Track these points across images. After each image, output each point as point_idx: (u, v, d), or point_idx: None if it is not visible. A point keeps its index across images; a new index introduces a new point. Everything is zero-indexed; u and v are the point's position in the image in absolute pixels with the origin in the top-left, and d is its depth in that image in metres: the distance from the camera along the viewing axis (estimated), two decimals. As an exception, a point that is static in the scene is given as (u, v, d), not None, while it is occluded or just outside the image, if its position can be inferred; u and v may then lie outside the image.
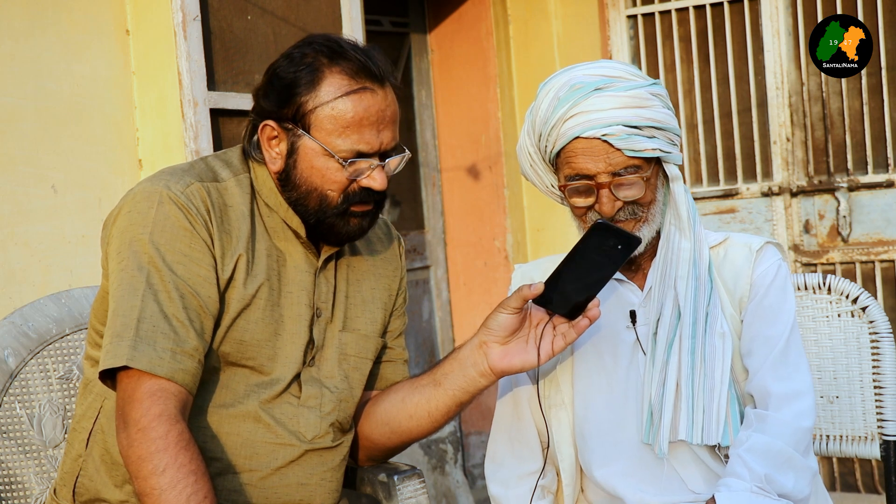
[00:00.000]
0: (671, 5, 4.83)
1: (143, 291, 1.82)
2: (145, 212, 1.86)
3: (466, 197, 5.15)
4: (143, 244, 1.84)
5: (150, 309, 1.81)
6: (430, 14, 5.20)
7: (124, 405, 1.79)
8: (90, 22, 3.28)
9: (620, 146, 1.95)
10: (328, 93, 1.88)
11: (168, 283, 1.83)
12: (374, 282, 2.13)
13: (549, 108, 2.01)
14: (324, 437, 2.00)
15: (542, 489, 2.13)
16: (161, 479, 1.73)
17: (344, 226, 1.94)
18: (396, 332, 2.18)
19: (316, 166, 1.91)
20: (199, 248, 1.86)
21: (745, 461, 1.92)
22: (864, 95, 4.48)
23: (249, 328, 1.93)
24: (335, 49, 1.90)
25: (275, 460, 1.95)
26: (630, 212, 2.00)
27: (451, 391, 2.03)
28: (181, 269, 1.84)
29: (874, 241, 4.49)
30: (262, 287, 1.94)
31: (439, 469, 4.87)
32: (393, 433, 2.10)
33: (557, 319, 1.97)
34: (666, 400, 1.99)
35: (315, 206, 1.93)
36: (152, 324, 1.81)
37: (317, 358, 2.02)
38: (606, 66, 2.02)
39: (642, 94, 1.98)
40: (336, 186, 1.91)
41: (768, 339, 2.01)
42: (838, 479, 4.61)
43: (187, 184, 1.89)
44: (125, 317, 1.81)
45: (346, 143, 1.89)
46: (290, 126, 1.91)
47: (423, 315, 5.13)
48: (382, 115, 1.90)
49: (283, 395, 1.97)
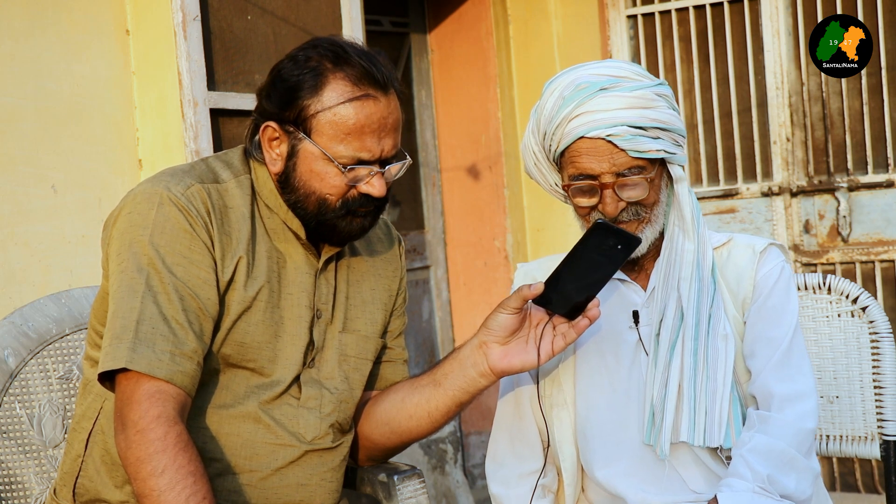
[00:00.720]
0: (671, 5, 4.83)
1: (142, 293, 1.82)
2: (145, 213, 1.86)
3: (466, 197, 5.15)
4: (143, 246, 1.84)
5: (149, 311, 1.81)
6: (430, 14, 5.20)
7: (122, 407, 1.79)
8: (90, 22, 3.28)
9: (625, 147, 1.95)
10: (331, 98, 1.88)
11: (167, 285, 1.83)
12: (374, 282, 2.13)
13: (554, 107, 2.01)
14: (324, 437, 2.00)
15: (542, 488, 2.13)
16: (160, 480, 1.73)
17: (346, 225, 1.94)
18: (396, 333, 2.19)
19: (315, 170, 1.91)
20: (198, 250, 1.86)
21: (747, 461, 1.92)
22: (864, 95, 4.48)
23: (250, 330, 1.93)
24: (340, 54, 1.90)
25: (275, 461, 1.95)
26: (633, 212, 1.99)
27: (450, 391, 2.02)
28: (181, 270, 1.84)
29: (874, 241, 4.49)
30: (263, 289, 1.94)
31: (439, 469, 4.87)
32: (393, 433, 2.10)
33: (557, 319, 1.97)
34: (668, 401, 1.99)
35: (314, 210, 1.93)
36: (151, 325, 1.80)
37: (317, 359, 2.02)
38: (612, 66, 2.01)
39: (648, 94, 1.98)
40: (335, 191, 1.91)
41: (771, 341, 2.01)
42: (838, 479, 4.61)
43: (188, 185, 1.89)
44: (124, 318, 1.81)
45: (346, 149, 1.89)
46: (292, 129, 1.91)
47: (423, 315, 5.13)
48: (384, 122, 1.90)
49: (284, 396, 1.97)
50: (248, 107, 3.53)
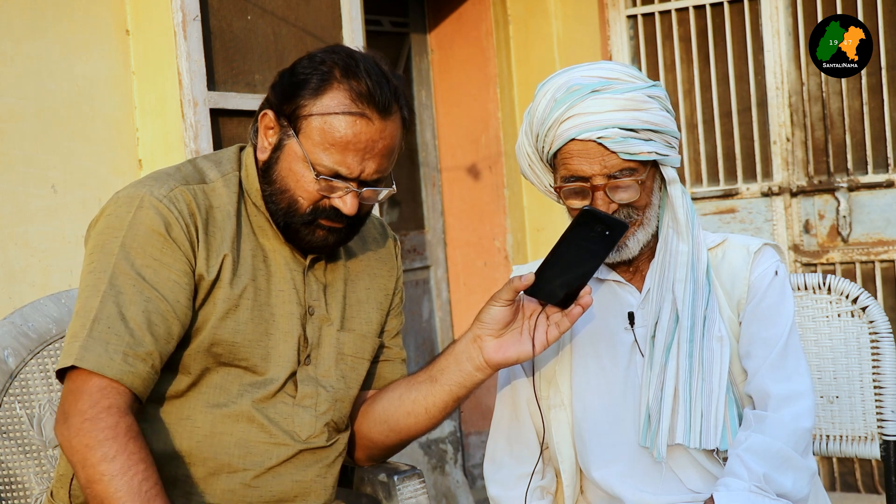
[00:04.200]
0: (671, 5, 4.83)
1: (103, 292, 1.83)
2: (123, 216, 1.88)
3: (466, 197, 5.15)
4: (114, 247, 1.85)
5: (107, 310, 1.82)
6: (430, 14, 5.20)
7: (68, 397, 1.79)
8: (90, 22, 3.28)
9: (616, 149, 1.95)
10: (327, 105, 1.89)
11: (131, 287, 1.83)
12: (370, 281, 2.13)
13: (547, 109, 2.01)
14: (319, 436, 2.01)
15: (541, 490, 2.13)
16: (111, 465, 1.73)
17: (308, 234, 1.95)
18: (394, 332, 2.19)
19: (294, 170, 1.92)
20: (170, 253, 1.87)
21: (743, 461, 1.92)
22: (864, 95, 4.48)
23: (240, 329, 1.93)
24: (351, 67, 1.90)
25: (269, 459, 1.95)
26: (625, 214, 2.00)
27: (447, 386, 2.03)
28: (150, 272, 1.85)
29: (874, 241, 4.49)
30: (248, 287, 1.94)
31: (439, 469, 4.87)
32: (391, 431, 2.10)
33: (550, 309, 1.97)
34: (664, 404, 1.98)
35: (284, 208, 1.94)
36: (107, 325, 1.81)
37: (312, 356, 2.02)
38: (604, 68, 2.01)
39: (639, 96, 1.98)
40: (307, 196, 1.92)
41: (767, 340, 2.01)
42: (838, 479, 4.61)
43: (171, 188, 1.90)
44: (83, 318, 1.83)
45: (327, 159, 1.89)
46: (285, 123, 1.93)
47: (423, 315, 5.13)
48: (372, 145, 1.90)
49: (278, 394, 1.97)
50: (248, 107, 3.53)
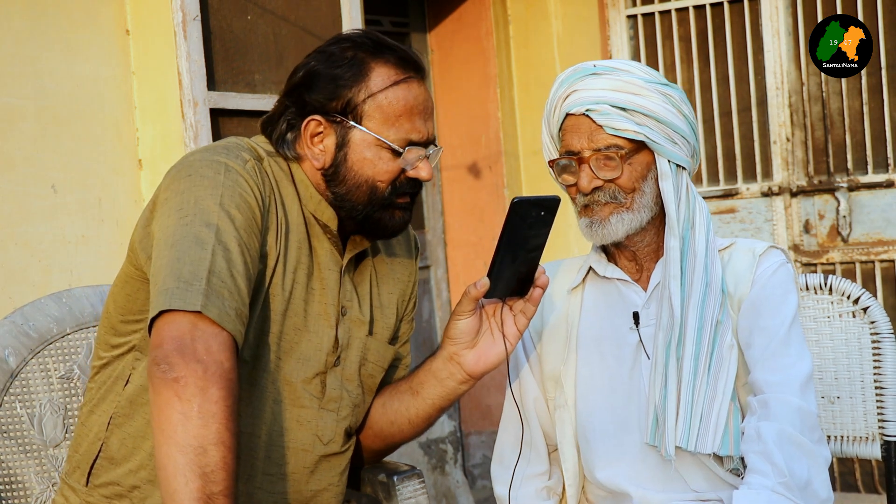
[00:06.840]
0: (671, 5, 4.83)
1: (212, 246, 1.73)
2: (212, 177, 1.80)
3: (466, 197, 5.15)
4: (212, 205, 1.77)
5: (219, 265, 1.73)
6: (430, 14, 5.20)
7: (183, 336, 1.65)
8: (90, 22, 3.28)
9: (602, 122, 1.97)
10: (377, 84, 1.89)
11: (236, 247, 1.76)
12: (392, 286, 2.11)
13: (555, 91, 2.06)
14: (336, 441, 1.99)
15: (547, 491, 2.13)
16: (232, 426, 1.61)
17: (389, 219, 1.94)
18: (404, 338, 2.16)
19: (368, 157, 1.90)
20: (256, 223, 1.83)
21: (767, 455, 1.90)
22: (864, 95, 4.48)
23: (276, 319, 1.89)
24: (377, 41, 1.92)
25: (288, 464, 1.93)
26: (611, 195, 2.00)
27: (430, 400, 2.02)
28: (246, 236, 1.79)
29: (874, 241, 4.49)
30: (295, 283, 1.92)
31: (439, 469, 4.87)
32: (376, 437, 2.09)
33: (511, 300, 1.97)
34: (668, 403, 1.98)
35: (364, 199, 1.92)
36: (221, 279, 1.72)
37: (342, 358, 1.99)
38: (621, 62, 2.05)
39: (639, 82, 1.99)
40: (386, 177, 1.91)
41: (767, 329, 1.99)
42: (838, 479, 4.61)
43: (245, 160, 1.86)
44: (194, 265, 1.70)
45: (398, 132, 1.90)
46: (340, 119, 1.90)
47: (423, 315, 5.13)
48: (427, 104, 1.93)
49: (305, 396, 1.94)
50: (247, 107, 3.53)
